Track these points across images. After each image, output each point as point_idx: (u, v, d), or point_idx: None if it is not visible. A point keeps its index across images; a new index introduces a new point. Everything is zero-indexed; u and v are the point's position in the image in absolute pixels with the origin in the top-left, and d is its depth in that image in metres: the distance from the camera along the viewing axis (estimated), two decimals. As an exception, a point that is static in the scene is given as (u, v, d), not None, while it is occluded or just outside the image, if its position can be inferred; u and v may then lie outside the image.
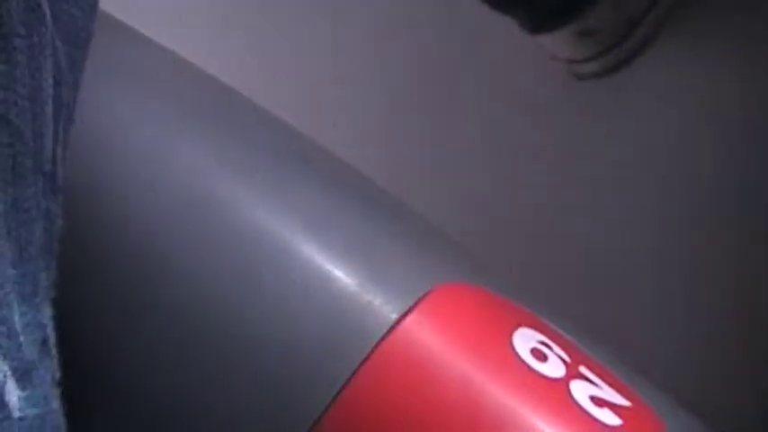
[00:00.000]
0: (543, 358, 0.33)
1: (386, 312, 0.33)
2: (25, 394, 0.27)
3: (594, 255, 0.80)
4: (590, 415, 0.32)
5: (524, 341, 0.33)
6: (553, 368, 0.33)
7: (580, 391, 0.33)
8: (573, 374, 0.33)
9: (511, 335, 0.33)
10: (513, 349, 0.33)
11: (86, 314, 0.35)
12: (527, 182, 0.85)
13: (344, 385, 0.32)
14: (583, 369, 0.34)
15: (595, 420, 0.32)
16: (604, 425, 0.32)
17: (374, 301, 0.34)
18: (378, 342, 0.33)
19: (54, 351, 0.28)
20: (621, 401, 0.34)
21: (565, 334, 0.35)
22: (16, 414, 0.26)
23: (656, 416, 0.35)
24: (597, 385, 0.33)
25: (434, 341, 0.33)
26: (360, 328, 0.33)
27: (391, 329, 0.33)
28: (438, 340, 0.33)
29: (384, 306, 0.33)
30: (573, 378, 0.33)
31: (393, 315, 0.33)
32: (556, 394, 0.32)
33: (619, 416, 0.33)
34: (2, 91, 0.26)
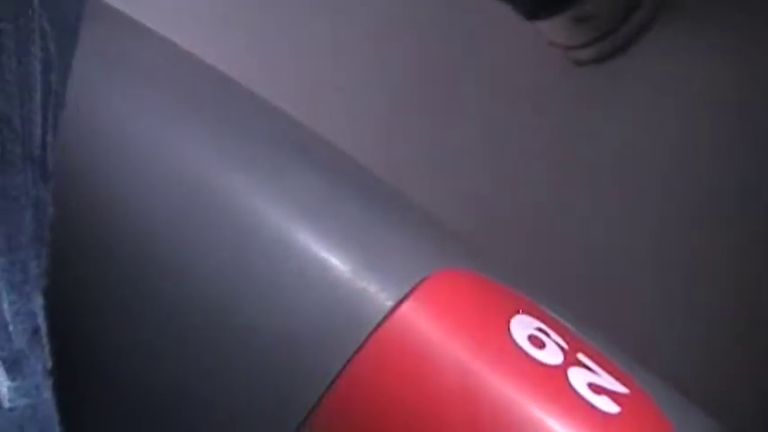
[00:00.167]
0: (541, 345, 0.33)
1: (381, 299, 0.33)
2: (15, 384, 0.26)
3: (594, 254, 0.79)
4: (588, 402, 0.32)
5: (522, 328, 0.33)
6: (551, 355, 0.33)
7: (578, 379, 0.32)
8: (571, 361, 0.33)
9: (508, 321, 0.33)
10: (511, 336, 0.33)
11: (80, 304, 0.35)
12: (527, 179, 0.85)
13: (339, 374, 0.32)
14: (581, 356, 0.33)
15: (593, 407, 0.32)
16: (603, 412, 0.32)
17: (369, 288, 0.33)
18: (373, 329, 0.32)
19: (45, 341, 0.28)
20: (620, 389, 0.33)
21: (562, 320, 0.35)
22: (6, 404, 0.26)
23: (655, 403, 0.34)
24: (595, 372, 0.33)
25: (430, 328, 0.32)
26: (355, 316, 0.33)
27: (387, 317, 0.32)
28: (434, 327, 0.32)
29: (379, 293, 0.33)
30: (571, 365, 0.33)
31: (389, 302, 0.33)
32: (553, 381, 0.32)
33: (617, 403, 0.32)
34: None
